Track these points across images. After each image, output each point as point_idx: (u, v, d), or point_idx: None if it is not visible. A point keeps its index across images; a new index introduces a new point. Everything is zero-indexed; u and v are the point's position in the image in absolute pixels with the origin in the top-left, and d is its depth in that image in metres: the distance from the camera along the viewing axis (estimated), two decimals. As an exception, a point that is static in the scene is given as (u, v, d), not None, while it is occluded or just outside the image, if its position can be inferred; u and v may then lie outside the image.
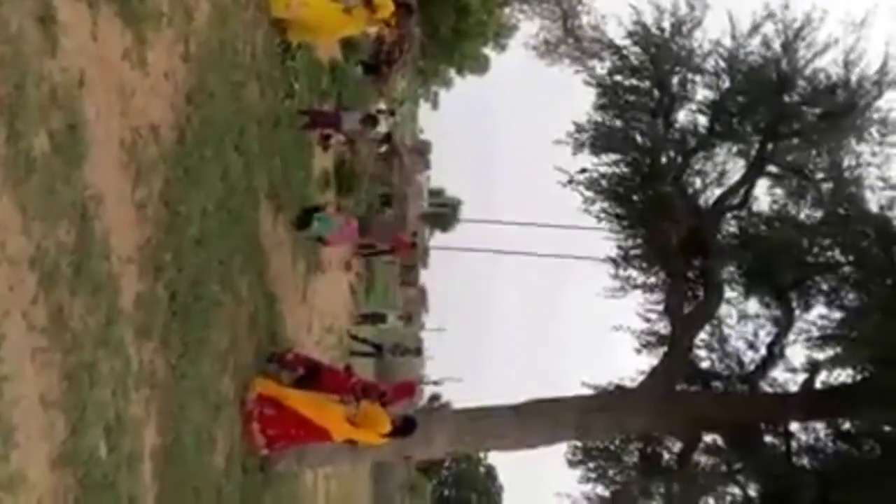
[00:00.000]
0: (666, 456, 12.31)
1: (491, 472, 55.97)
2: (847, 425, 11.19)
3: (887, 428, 10.62)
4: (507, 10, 33.25)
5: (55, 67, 4.78)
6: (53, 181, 4.71)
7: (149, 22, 6.24)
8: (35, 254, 4.49)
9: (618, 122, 12.38)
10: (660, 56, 11.82)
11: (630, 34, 12.01)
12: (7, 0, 4.29)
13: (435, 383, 43.24)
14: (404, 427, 8.89)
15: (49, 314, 4.59)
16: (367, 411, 8.76)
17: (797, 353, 11.59)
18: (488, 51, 38.34)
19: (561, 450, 12.23)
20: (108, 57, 5.55)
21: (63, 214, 4.80)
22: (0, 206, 4.19)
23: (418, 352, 22.51)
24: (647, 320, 12.63)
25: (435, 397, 46.92)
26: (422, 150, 43.12)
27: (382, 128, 13.46)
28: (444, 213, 58.57)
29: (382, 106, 20.14)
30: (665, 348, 11.99)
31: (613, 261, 12.50)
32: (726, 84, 11.74)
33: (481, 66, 40.02)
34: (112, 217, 5.43)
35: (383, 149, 19.56)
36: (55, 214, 4.72)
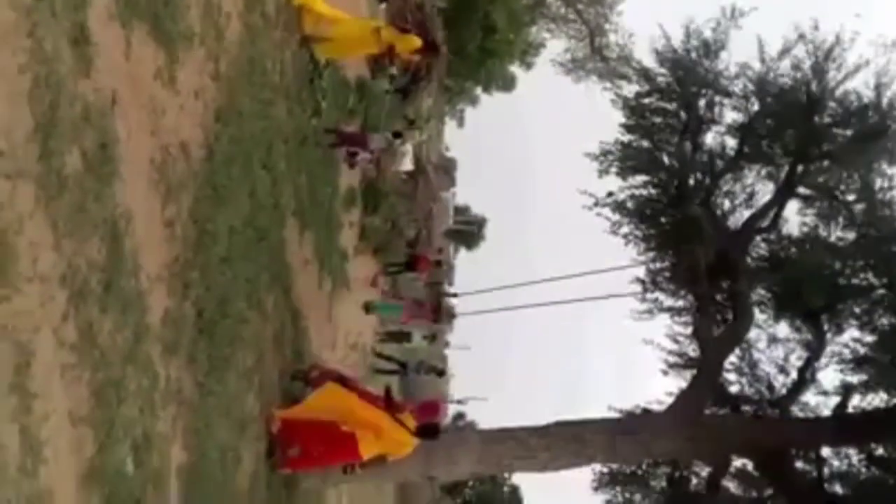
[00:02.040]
0: (694, 481, 12.14)
1: (516, 493, 55.49)
2: (880, 451, 10.96)
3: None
4: (533, 29, 33.36)
5: (88, 87, 4.83)
6: (85, 199, 4.75)
7: (181, 41, 6.32)
8: (66, 271, 4.53)
9: (645, 144, 12.36)
10: (687, 78, 11.78)
11: (658, 55, 12.00)
12: (42, 22, 4.35)
13: (459, 402, 43.06)
14: (427, 430, 8.84)
15: (78, 331, 4.62)
16: (393, 434, 8.70)
17: (829, 377, 11.41)
18: (515, 69, 38.47)
19: (587, 470, 12.10)
20: (140, 76, 5.62)
21: (94, 232, 4.84)
22: (32, 224, 4.23)
23: (441, 373, 22.42)
24: (676, 342, 12.51)
25: (459, 416, 46.70)
26: (448, 168, 43.22)
27: (408, 144, 13.55)
28: (469, 231, 58.59)
29: (409, 116, 20.21)
30: (693, 371, 11.85)
31: (642, 282, 12.41)
32: (755, 106, 11.69)
33: (508, 83, 40.14)
34: (141, 235, 5.46)
35: (408, 167, 19.61)
36: (86, 232, 4.76)
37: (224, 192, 7.17)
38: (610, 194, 12.20)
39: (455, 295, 21.08)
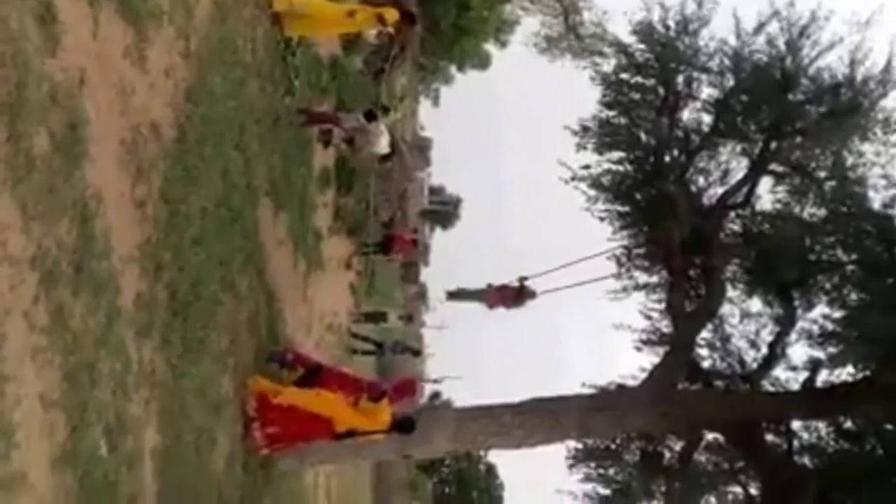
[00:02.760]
0: (667, 455, 12.30)
1: (492, 470, 55.90)
2: (849, 424, 11.18)
3: (889, 426, 10.60)
4: (507, 6, 33.18)
5: (56, 66, 4.75)
6: (54, 180, 4.68)
7: (150, 20, 6.22)
8: (36, 253, 4.47)
9: (622, 120, 12.36)
10: (665, 54, 11.80)
11: (636, 32, 11.99)
12: (7, 0, 4.26)
13: (435, 381, 43.23)
14: (403, 425, 8.89)
15: (50, 314, 4.57)
16: (367, 405, 8.76)
17: (799, 352, 11.58)
18: (489, 47, 38.28)
19: (562, 447, 12.22)
20: (108, 55, 5.52)
21: (63, 213, 4.78)
22: (0, 206, 4.17)
23: (417, 353, 22.47)
24: (649, 318, 12.63)
25: (435, 395, 46.91)
26: (422, 147, 43.06)
27: (382, 126, 13.41)
28: (444, 211, 58.54)
29: (383, 101, 20.08)
30: (666, 347, 11.98)
31: (617, 260, 12.48)
32: (731, 82, 11.72)
33: (482, 62, 39.95)
34: (112, 216, 5.40)
35: (383, 149, 19.47)
36: (56, 213, 4.69)
37: (196, 172, 7.10)
38: (587, 167, 12.22)
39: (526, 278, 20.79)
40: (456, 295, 16.41)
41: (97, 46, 5.33)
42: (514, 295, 16.71)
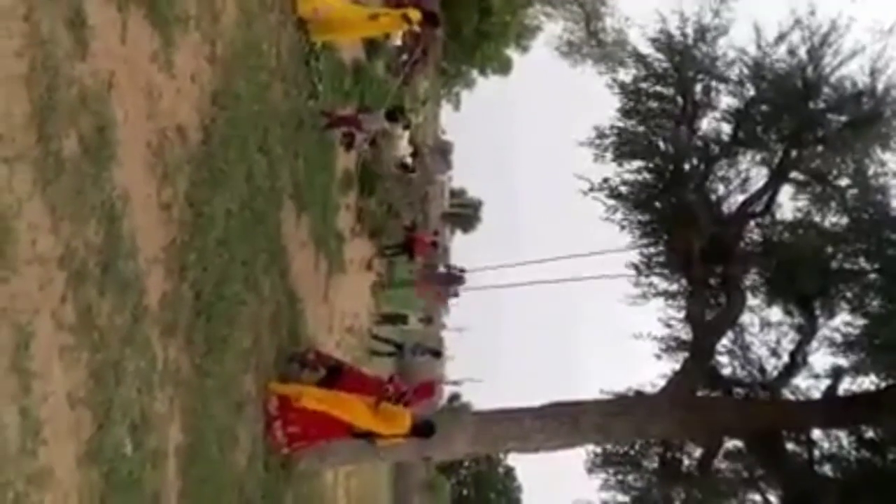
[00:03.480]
0: (686, 462, 12.25)
1: (510, 473, 55.88)
2: (870, 433, 11.08)
3: (911, 436, 10.51)
4: (530, 12, 33.21)
5: (85, 70, 4.86)
6: (82, 182, 4.79)
7: (177, 25, 6.32)
8: (64, 253, 4.57)
9: (641, 129, 12.35)
10: (684, 63, 11.78)
11: (654, 40, 11.98)
12: (39, 5, 4.37)
13: (455, 383, 43.26)
14: (423, 429, 8.94)
15: (77, 313, 4.67)
16: (387, 409, 8.82)
17: (820, 361, 11.50)
18: (511, 52, 38.32)
19: (582, 452, 12.22)
20: (136, 59, 5.63)
21: (91, 215, 4.88)
22: (30, 207, 4.27)
23: (438, 354, 22.50)
24: (669, 326, 12.59)
25: (455, 397, 46.93)
26: (444, 151, 43.14)
27: (400, 129, 13.51)
28: (465, 214, 58.61)
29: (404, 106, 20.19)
30: (686, 354, 11.93)
31: (636, 267, 12.46)
32: (751, 92, 11.68)
33: (504, 66, 40.00)
34: (139, 217, 5.51)
35: (405, 152, 19.57)
36: (84, 215, 4.80)
37: (221, 174, 7.20)
38: (605, 181, 12.24)
39: (464, 270, 21.12)
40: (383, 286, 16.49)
41: (125, 51, 5.44)
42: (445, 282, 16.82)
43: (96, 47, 4.98)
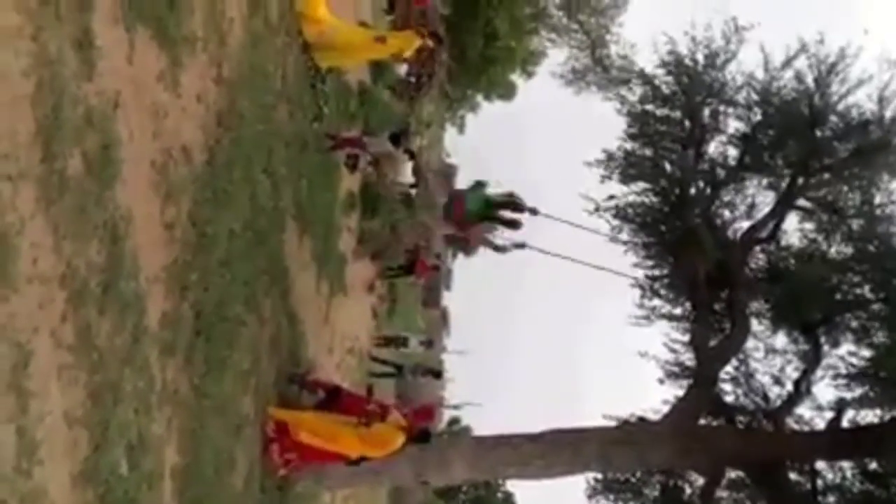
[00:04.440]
0: (688, 491, 12.14)
1: (509, 499, 55.45)
2: (874, 465, 10.97)
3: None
4: (535, 38, 33.43)
5: (91, 90, 4.86)
6: (86, 201, 4.77)
7: (184, 45, 6.35)
8: (65, 272, 4.55)
9: (647, 152, 12.39)
10: (692, 87, 11.83)
11: (663, 64, 12.04)
12: (47, 25, 4.38)
13: (455, 407, 43.03)
14: (420, 437, 8.86)
15: (76, 332, 4.64)
16: (379, 432, 8.74)
17: (824, 391, 11.43)
18: (516, 77, 38.52)
19: (581, 478, 12.11)
20: (142, 79, 5.64)
21: (94, 234, 4.87)
22: (33, 225, 4.26)
23: (438, 375, 22.38)
24: (673, 351, 12.53)
25: (454, 421, 46.66)
26: (447, 174, 43.21)
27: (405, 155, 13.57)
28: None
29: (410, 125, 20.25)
30: (690, 381, 11.86)
31: (640, 287, 12.44)
32: (758, 117, 11.73)
33: (508, 92, 40.20)
34: (141, 237, 5.49)
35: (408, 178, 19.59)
36: (86, 233, 4.78)
37: (224, 195, 7.19)
38: (611, 197, 12.24)
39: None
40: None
41: (132, 71, 5.46)
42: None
43: (103, 67, 4.98)
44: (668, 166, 12.30)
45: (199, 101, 6.74)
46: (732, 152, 12.02)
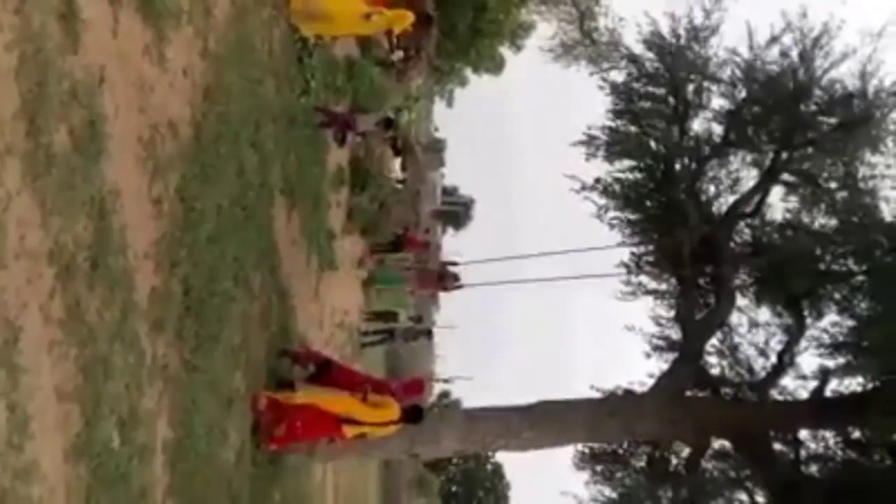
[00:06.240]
0: (674, 461, 12.33)
1: (498, 470, 56.05)
2: (857, 434, 11.17)
3: (897, 437, 10.59)
4: (524, 11, 33.18)
5: (76, 64, 4.83)
6: (72, 176, 4.76)
7: (169, 19, 6.29)
8: (53, 248, 4.55)
9: (632, 129, 12.42)
10: (675, 63, 11.84)
11: (646, 41, 12.03)
12: (31, -2, 4.35)
13: (445, 381, 43.27)
14: (413, 415, 8.95)
15: (66, 308, 4.65)
16: (375, 400, 8.83)
17: (808, 362, 11.59)
18: (504, 50, 38.30)
19: (569, 448, 12.27)
20: (128, 53, 5.60)
21: (81, 209, 4.86)
22: (20, 201, 4.25)
23: (429, 334, 22.36)
24: (659, 325, 12.65)
25: (444, 395, 46.96)
26: (436, 148, 43.15)
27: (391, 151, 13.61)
28: (457, 211, 58.60)
29: (397, 104, 20.16)
30: (675, 354, 11.99)
31: (626, 265, 12.52)
32: (742, 93, 11.76)
33: (497, 65, 39.98)
34: (129, 212, 5.48)
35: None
36: (73, 209, 4.77)
37: (212, 170, 7.18)
38: (597, 181, 12.29)
39: (456, 263, 21.09)
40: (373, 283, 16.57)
41: (117, 45, 5.42)
42: (436, 280, 16.82)
43: (88, 41, 4.95)
44: (652, 143, 12.34)
45: (186, 76, 6.70)
46: (717, 128, 12.10)
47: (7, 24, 4.18)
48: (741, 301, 12.03)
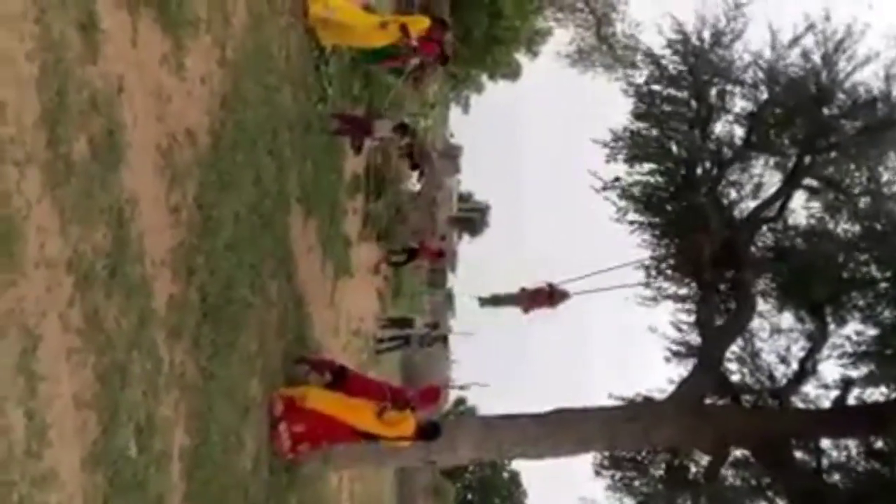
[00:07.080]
0: (693, 469, 12.20)
1: (515, 478, 55.80)
2: (879, 444, 11.01)
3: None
4: (540, 17, 33.19)
5: (96, 74, 4.85)
6: (91, 185, 4.78)
7: (187, 28, 6.32)
8: (72, 256, 4.56)
9: (654, 132, 12.34)
10: (698, 66, 11.76)
11: (669, 44, 11.97)
12: (50, 8, 4.37)
13: (461, 388, 43.11)
14: (429, 431, 8.90)
15: (84, 316, 4.66)
16: (391, 418, 8.79)
17: (830, 369, 11.45)
18: (520, 57, 38.32)
19: (587, 457, 12.19)
20: (146, 63, 5.63)
21: (100, 218, 4.87)
22: (39, 210, 4.27)
23: (446, 340, 22.25)
24: (679, 330, 12.55)
25: (460, 402, 46.83)
26: (452, 154, 43.10)
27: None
28: (473, 218, 58.52)
29: (413, 110, 20.18)
30: (695, 360, 11.89)
31: (646, 269, 12.44)
32: (765, 96, 11.66)
33: (513, 71, 39.99)
34: (147, 220, 5.50)
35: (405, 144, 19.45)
36: (92, 218, 4.79)
37: (229, 178, 7.19)
38: (617, 179, 12.22)
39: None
40: (489, 301, 16.44)
41: (136, 54, 5.44)
42: (547, 297, 16.64)
43: (107, 50, 4.97)
44: (674, 146, 12.26)
45: (203, 84, 6.73)
46: (739, 131, 11.99)
47: (28, 34, 4.21)
48: (763, 306, 11.93)
